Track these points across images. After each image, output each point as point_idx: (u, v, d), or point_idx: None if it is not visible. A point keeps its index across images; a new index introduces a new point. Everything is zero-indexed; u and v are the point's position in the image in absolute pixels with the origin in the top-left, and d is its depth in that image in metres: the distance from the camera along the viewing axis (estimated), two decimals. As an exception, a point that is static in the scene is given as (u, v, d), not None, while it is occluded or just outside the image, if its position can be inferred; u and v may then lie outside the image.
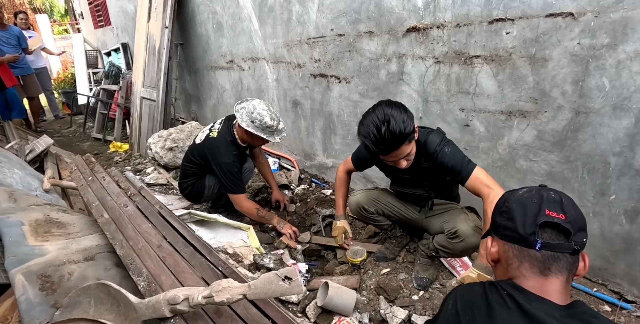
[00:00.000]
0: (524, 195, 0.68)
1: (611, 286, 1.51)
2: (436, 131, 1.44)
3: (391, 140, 1.24)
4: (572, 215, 0.63)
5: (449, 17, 1.63)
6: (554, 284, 0.61)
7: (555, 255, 0.62)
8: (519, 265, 0.64)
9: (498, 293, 0.62)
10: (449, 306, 0.68)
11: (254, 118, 1.86)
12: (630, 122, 1.28)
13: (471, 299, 0.65)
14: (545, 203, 0.64)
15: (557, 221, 0.62)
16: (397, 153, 1.30)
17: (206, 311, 0.80)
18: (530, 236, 0.62)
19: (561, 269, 0.62)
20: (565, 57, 1.36)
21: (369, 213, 1.67)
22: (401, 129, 1.22)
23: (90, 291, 0.83)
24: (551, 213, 0.62)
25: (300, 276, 1.74)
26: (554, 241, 0.62)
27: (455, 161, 1.34)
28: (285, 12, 2.44)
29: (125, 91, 4.54)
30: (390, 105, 1.28)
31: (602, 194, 1.42)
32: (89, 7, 6.89)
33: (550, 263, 0.62)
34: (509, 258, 0.66)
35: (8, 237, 1.07)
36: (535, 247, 0.62)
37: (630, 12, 1.20)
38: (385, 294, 1.60)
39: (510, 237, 0.66)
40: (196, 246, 1.24)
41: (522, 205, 0.66)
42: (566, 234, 0.62)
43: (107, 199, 1.37)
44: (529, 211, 0.64)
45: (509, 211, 0.67)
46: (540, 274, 0.62)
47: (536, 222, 0.62)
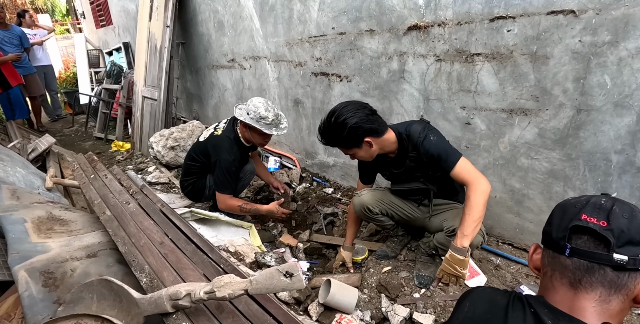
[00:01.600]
0: (571, 200, 0.62)
1: (613, 284, 1.51)
2: (418, 121, 1.45)
3: (326, 135, 1.33)
4: (620, 224, 0.54)
5: (450, 15, 1.62)
6: (582, 300, 0.55)
7: (589, 265, 0.55)
8: (551, 274, 0.59)
9: (522, 310, 0.57)
10: (465, 308, 0.65)
11: (249, 110, 1.88)
12: (632, 120, 1.28)
13: (490, 309, 0.61)
14: (587, 208, 0.58)
15: (591, 227, 0.55)
16: (339, 149, 1.38)
17: (208, 307, 0.81)
18: (561, 240, 0.57)
19: (594, 283, 0.54)
20: (566, 54, 1.36)
21: (373, 214, 1.67)
22: (334, 132, 1.29)
23: (93, 287, 0.84)
24: (588, 218, 0.56)
25: (302, 272, 1.75)
26: (588, 249, 0.55)
27: (440, 149, 1.35)
28: (286, 11, 2.44)
29: (126, 90, 4.55)
30: (353, 107, 1.32)
31: (604, 192, 1.42)
32: (91, 6, 6.90)
33: (581, 274, 0.55)
34: (544, 265, 0.62)
35: (11, 234, 1.07)
36: (565, 252, 0.56)
37: (632, 9, 1.19)
38: (387, 292, 1.60)
39: (546, 241, 0.62)
40: (198, 244, 1.24)
41: (564, 209, 0.61)
42: (607, 244, 0.54)
43: (109, 197, 1.37)
44: (567, 215, 0.59)
45: (551, 216, 0.63)
46: (570, 286, 0.56)
47: (568, 226, 0.57)
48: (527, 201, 1.64)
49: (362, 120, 1.30)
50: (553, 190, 1.55)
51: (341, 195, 2.47)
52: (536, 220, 1.65)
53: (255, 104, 1.88)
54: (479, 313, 0.61)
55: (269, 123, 1.89)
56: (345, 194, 2.47)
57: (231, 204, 2.00)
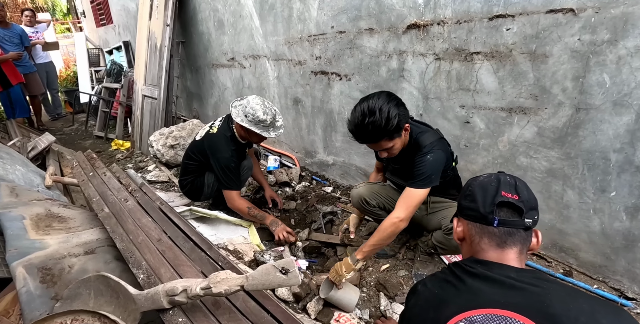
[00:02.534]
0: (484, 180, 0.77)
1: (612, 283, 1.51)
2: (432, 132, 1.43)
3: (370, 132, 1.27)
4: (525, 196, 0.73)
5: (449, 14, 1.62)
6: (509, 253, 0.71)
7: (510, 230, 0.71)
8: (479, 241, 0.73)
9: (462, 269, 0.71)
10: (418, 288, 0.77)
11: (247, 112, 1.84)
12: (631, 118, 1.28)
13: (440, 277, 0.74)
14: (502, 186, 0.73)
15: (511, 201, 0.71)
16: (376, 146, 1.33)
17: (204, 303, 0.81)
18: (489, 214, 0.71)
19: (515, 242, 0.71)
20: (565, 53, 1.35)
21: (370, 207, 1.67)
22: (382, 125, 1.24)
23: (90, 283, 0.84)
24: (506, 194, 0.71)
25: (297, 269, 1.75)
26: (509, 218, 0.71)
27: (423, 169, 1.35)
28: (286, 10, 2.44)
29: (127, 89, 4.55)
30: (387, 98, 1.29)
31: (603, 191, 1.41)
32: (91, 5, 6.90)
33: (506, 237, 0.71)
34: (472, 235, 0.75)
35: (9, 231, 1.07)
36: (494, 224, 0.71)
37: (631, 7, 1.19)
38: (386, 290, 1.60)
39: (473, 216, 0.75)
40: (196, 242, 1.25)
41: (483, 188, 0.75)
42: (519, 212, 0.71)
43: (108, 194, 1.37)
44: (488, 193, 0.73)
45: (471, 195, 0.76)
46: (498, 247, 0.71)
47: (494, 202, 0.71)
48: (526, 200, 1.64)
49: (402, 107, 1.30)
50: (552, 189, 1.55)
51: (340, 194, 2.47)
52: (535, 219, 1.65)
53: (252, 106, 1.84)
54: (433, 284, 0.73)
55: (267, 126, 1.88)
56: (344, 193, 2.47)
57: (239, 206, 2.00)
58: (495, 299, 0.61)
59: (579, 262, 1.59)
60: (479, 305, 0.61)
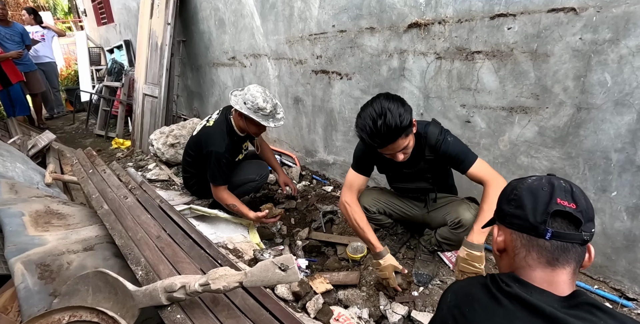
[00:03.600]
0: (534, 183, 0.65)
1: (612, 284, 1.50)
2: (433, 122, 1.45)
3: (387, 133, 1.24)
4: (583, 204, 0.62)
5: (450, 13, 1.62)
6: (561, 275, 0.60)
7: (564, 245, 0.60)
8: (526, 255, 0.63)
9: (498, 286, 0.61)
10: (448, 299, 0.68)
11: (246, 99, 1.80)
12: (632, 118, 1.27)
13: (471, 291, 0.65)
14: (557, 192, 0.62)
15: (568, 211, 0.60)
16: (394, 147, 1.30)
17: (203, 300, 0.81)
18: (541, 225, 0.61)
19: (569, 260, 0.60)
20: (567, 52, 1.35)
21: (370, 214, 1.66)
22: (397, 122, 1.22)
23: (89, 279, 0.83)
24: (562, 202, 0.61)
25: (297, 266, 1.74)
26: (565, 231, 0.60)
27: (459, 150, 1.38)
28: (287, 9, 2.44)
29: (127, 88, 4.55)
30: (388, 98, 1.28)
31: (604, 191, 1.41)
32: (92, 4, 6.91)
33: (559, 253, 0.60)
34: (516, 247, 0.65)
35: (8, 227, 1.07)
36: (546, 236, 0.60)
37: (633, 7, 1.19)
38: (385, 290, 1.60)
39: (519, 226, 0.64)
40: (195, 239, 1.24)
41: (533, 193, 0.64)
42: (577, 224, 0.60)
43: (107, 191, 1.37)
44: (540, 200, 0.62)
45: (518, 199, 0.65)
46: (548, 264, 0.61)
47: (547, 211, 0.61)
48: (527, 199, 1.64)
49: (406, 105, 1.29)
50: (552, 188, 1.55)
51: (340, 193, 2.47)
52: (535, 219, 1.64)
53: (253, 94, 1.80)
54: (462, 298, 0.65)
55: (267, 115, 1.82)
56: (344, 192, 2.47)
57: (222, 197, 1.97)
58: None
59: (580, 262, 1.58)
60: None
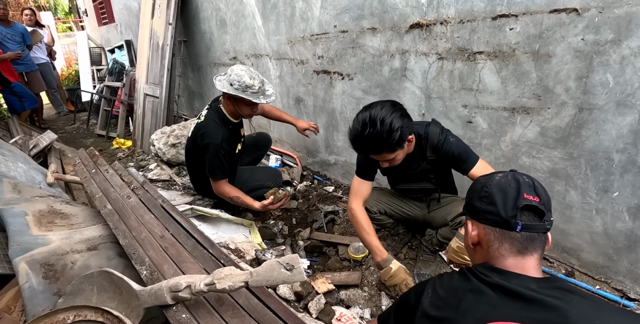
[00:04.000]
0: (502, 180, 0.72)
1: (614, 284, 1.51)
2: (433, 122, 1.45)
3: (371, 144, 1.20)
4: (544, 197, 0.69)
5: (452, 13, 1.62)
6: (530, 261, 0.67)
7: (532, 235, 0.67)
8: (499, 246, 0.69)
9: (478, 277, 0.67)
10: (429, 294, 0.71)
11: (232, 80, 1.75)
12: (634, 119, 1.28)
13: (453, 285, 0.69)
14: (523, 187, 0.69)
15: (534, 204, 0.67)
16: (378, 157, 1.27)
17: (208, 300, 0.81)
18: (512, 219, 0.67)
19: (536, 247, 0.67)
20: (569, 53, 1.35)
21: (372, 214, 1.66)
22: (384, 137, 1.17)
23: (93, 279, 0.84)
24: (528, 196, 0.67)
25: (301, 263, 1.74)
26: (532, 223, 0.67)
27: (461, 150, 1.37)
28: (288, 9, 2.44)
29: (128, 88, 4.55)
30: (390, 108, 1.22)
31: (605, 191, 1.41)
32: (93, 4, 6.92)
33: (528, 242, 0.67)
34: (489, 240, 0.70)
35: (12, 226, 1.07)
36: (517, 229, 0.66)
37: (635, 7, 1.19)
38: (387, 290, 1.60)
39: (492, 221, 0.69)
40: (198, 239, 1.25)
41: (502, 190, 0.70)
42: (541, 215, 0.68)
43: (110, 191, 1.37)
44: (509, 196, 0.68)
45: (489, 197, 0.70)
46: (518, 253, 0.67)
47: (517, 205, 0.67)
48: (528, 200, 1.64)
49: (405, 118, 1.24)
50: (554, 189, 1.55)
51: (342, 193, 2.47)
52: (537, 219, 1.65)
53: (237, 73, 1.73)
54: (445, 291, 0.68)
55: (256, 92, 1.75)
56: (345, 192, 2.47)
57: (224, 191, 1.92)
58: (514, 313, 0.58)
59: (581, 263, 1.58)
60: (497, 318, 0.58)
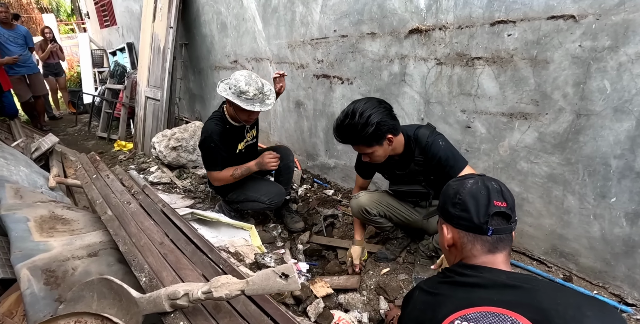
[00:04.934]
0: (473, 187, 0.77)
1: (612, 289, 1.51)
2: (426, 126, 1.47)
3: (347, 134, 1.29)
4: (510, 201, 0.76)
5: (451, 19, 1.63)
6: (499, 257, 0.74)
7: (501, 236, 0.74)
8: (471, 247, 0.75)
9: (455, 273, 0.74)
10: (416, 293, 0.79)
11: (230, 84, 1.76)
12: (631, 125, 1.28)
13: (435, 281, 0.77)
14: (492, 194, 0.75)
15: (503, 210, 0.74)
16: (356, 148, 1.36)
17: (205, 307, 0.82)
18: (484, 225, 0.73)
19: (505, 246, 0.75)
20: (566, 59, 1.36)
21: (371, 216, 1.68)
22: (359, 129, 1.25)
23: (94, 286, 0.85)
24: (497, 202, 0.74)
25: (298, 273, 1.76)
26: (501, 226, 0.74)
27: (448, 154, 1.38)
28: (288, 13, 2.46)
29: (130, 90, 4.58)
30: (374, 104, 1.30)
31: (603, 196, 1.42)
32: (95, 7, 6.96)
33: (497, 243, 0.74)
34: (463, 243, 0.77)
35: (14, 232, 1.09)
36: (488, 234, 0.73)
37: (632, 14, 1.20)
38: (385, 294, 1.61)
39: (466, 226, 0.76)
40: (198, 244, 1.26)
41: (474, 197, 0.75)
42: (508, 219, 0.75)
43: (111, 197, 1.39)
44: (480, 203, 0.74)
45: (462, 203, 0.76)
46: (489, 252, 0.74)
47: (488, 212, 0.73)
48: (527, 205, 1.65)
49: (386, 117, 1.30)
50: (552, 194, 1.55)
51: (341, 197, 2.48)
52: (535, 224, 1.65)
53: (236, 78, 1.75)
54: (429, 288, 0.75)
55: (251, 99, 1.74)
56: (345, 196, 2.48)
57: (221, 177, 1.94)
58: (488, 298, 0.64)
59: (579, 267, 1.59)
60: (474, 304, 0.64)
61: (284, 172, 2.17)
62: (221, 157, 1.93)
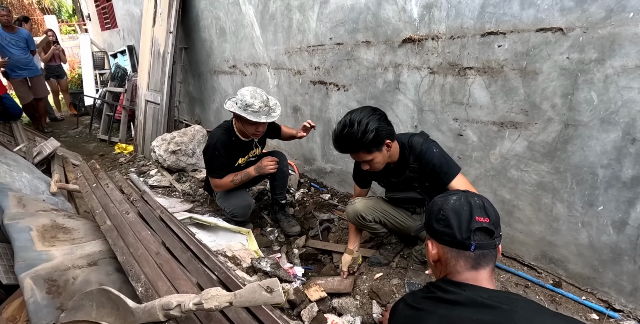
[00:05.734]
0: (456, 203, 0.79)
1: (600, 295, 1.54)
2: (420, 133, 1.51)
3: (347, 143, 1.33)
4: (493, 216, 0.78)
5: (443, 29, 1.66)
6: (483, 274, 0.76)
7: (484, 252, 0.76)
8: (455, 263, 0.77)
9: (439, 288, 0.76)
10: (400, 306, 0.81)
11: (237, 99, 1.85)
12: (618, 135, 1.31)
13: (419, 296, 0.79)
14: (475, 210, 0.77)
15: (485, 225, 0.75)
16: (355, 156, 1.39)
17: (198, 316, 0.86)
18: (466, 240, 0.75)
19: (488, 261, 0.76)
20: (555, 70, 1.39)
21: (366, 222, 1.72)
22: (358, 137, 1.30)
23: (93, 296, 0.89)
24: (479, 218, 0.76)
25: (294, 277, 1.80)
26: (484, 242, 0.75)
27: (442, 161, 1.42)
28: (286, 20, 2.49)
29: (130, 93, 4.62)
30: (369, 112, 1.34)
31: (591, 205, 1.45)
32: (96, 9, 7.00)
33: (480, 259, 0.76)
34: (447, 258, 0.78)
35: (17, 242, 1.13)
36: (471, 249, 0.75)
37: (618, 28, 1.22)
38: (378, 298, 1.64)
39: (449, 242, 0.78)
40: (194, 251, 1.30)
41: (456, 213, 0.77)
42: (491, 234, 0.76)
43: (110, 206, 1.43)
44: (462, 219, 0.76)
45: (445, 220, 0.78)
46: (472, 268, 0.76)
47: (470, 228, 0.75)
48: (517, 212, 1.68)
49: (383, 122, 1.34)
50: (542, 201, 1.59)
51: (338, 201, 2.51)
52: (526, 230, 1.68)
53: (242, 93, 1.84)
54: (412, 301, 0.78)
55: (256, 111, 1.81)
56: (341, 200, 2.52)
57: (222, 183, 2.02)
58: (467, 317, 0.66)
59: (568, 273, 1.62)
60: (453, 322, 0.67)
61: (278, 177, 2.23)
62: (223, 165, 2.01)
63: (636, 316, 1.44)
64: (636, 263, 1.40)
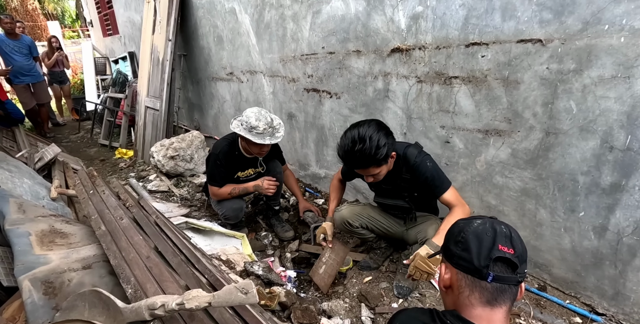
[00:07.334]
0: (479, 227, 0.71)
1: (583, 299, 1.57)
2: (414, 145, 1.54)
3: (360, 159, 1.34)
4: (519, 249, 0.69)
5: (429, 40, 1.72)
6: (498, 314, 0.67)
7: (502, 286, 0.67)
8: (469, 294, 0.69)
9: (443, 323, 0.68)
10: None
11: (242, 120, 1.90)
12: (596, 143, 1.35)
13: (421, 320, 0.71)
14: (499, 238, 0.69)
15: (508, 256, 0.67)
16: (364, 171, 1.41)
17: (182, 315, 0.91)
18: (484, 269, 0.67)
19: (506, 299, 0.68)
20: (535, 80, 1.44)
21: (353, 228, 1.76)
22: (372, 153, 1.31)
23: (85, 297, 0.94)
24: (503, 247, 0.68)
25: (287, 279, 1.85)
26: (504, 274, 0.67)
27: (436, 175, 1.46)
28: (280, 29, 2.55)
29: (131, 99, 4.70)
30: (376, 127, 1.36)
31: (572, 211, 1.49)
32: (99, 16, 7.13)
33: (497, 294, 0.67)
34: (460, 286, 0.71)
35: (17, 247, 1.19)
36: (488, 279, 0.67)
37: (594, 40, 1.27)
38: (367, 301, 1.68)
39: (465, 267, 0.70)
40: (186, 255, 1.34)
41: (478, 237, 0.70)
42: (514, 268, 0.68)
43: (105, 212, 1.48)
44: (484, 245, 0.69)
45: (465, 242, 0.71)
46: (487, 303, 0.67)
47: (490, 256, 0.67)
48: (502, 217, 1.72)
49: (390, 137, 1.37)
50: (526, 207, 1.63)
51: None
52: (511, 235, 1.72)
53: (247, 114, 1.89)
54: None
55: (261, 133, 1.88)
56: (335, 205, 2.56)
57: (220, 193, 2.08)
58: None
59: (553, 278, 1.66)
60: None
61: None
62: (223, 175, 2.08)
63: (618, 320, 1.47)
64: (617, 267, 1.43)
